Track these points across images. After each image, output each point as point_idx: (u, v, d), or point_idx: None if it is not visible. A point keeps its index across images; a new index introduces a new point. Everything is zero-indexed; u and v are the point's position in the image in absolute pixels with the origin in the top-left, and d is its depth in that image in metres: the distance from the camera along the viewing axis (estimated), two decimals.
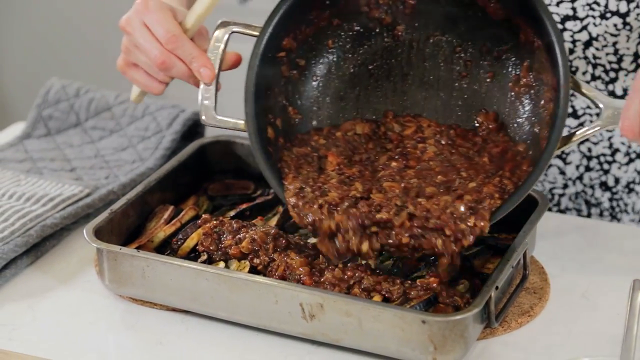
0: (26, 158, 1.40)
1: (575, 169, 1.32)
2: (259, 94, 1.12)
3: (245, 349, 1.07)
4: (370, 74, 1.17)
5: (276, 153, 1.13)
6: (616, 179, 1.31)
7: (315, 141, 1.14)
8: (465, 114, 1.15)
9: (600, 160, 1.31)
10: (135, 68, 1.15)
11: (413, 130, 1.14)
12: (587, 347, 1.07)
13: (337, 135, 1.14)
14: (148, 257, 1.10)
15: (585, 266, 1.20)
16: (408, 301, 1.06)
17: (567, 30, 1.24)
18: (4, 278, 1.17)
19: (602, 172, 1.31)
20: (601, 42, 1.24)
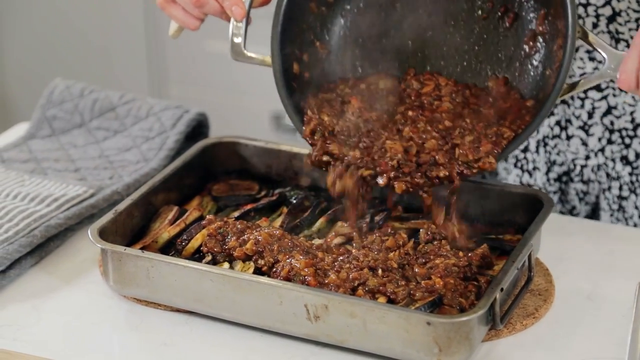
0: (30, 158, 1.40)
1: (598, 141, 1.33)
2: (286, 30, 1.18)
3: (250, 350, 1.07)
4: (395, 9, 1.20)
5: (300, 88, 1.18)
6: (637, 154, 1.32)
7: (341, 89, 1.20)
8: (479, 65, 1.19)
9: (622, 134, 1.32)
10: (173, 4, 1.21)
11: (431, 88, 1.19)
12: (593, 349, 1.07)
13: (362, 87, 1.20)
14: (152, 257, 1.10)
15: (590, 268, 1.20)
16: (413, 302, 1.05)
17: (591, 4, 1.26)
18: (8, 278, 1.17)
19: (623, 146, 1.32)
20: (624, 17, 1.25)
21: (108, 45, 2.74)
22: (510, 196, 1.21)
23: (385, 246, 1.13)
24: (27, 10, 2.78)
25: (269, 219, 1.21)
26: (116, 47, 2.73)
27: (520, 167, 1.39)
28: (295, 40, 1.20)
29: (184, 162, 1.28)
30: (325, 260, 1.09)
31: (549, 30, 1.15)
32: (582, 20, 1.26)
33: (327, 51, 1.21)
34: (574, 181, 1.37)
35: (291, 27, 1.19)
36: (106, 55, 2.74)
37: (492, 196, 1.21)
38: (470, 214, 1.21)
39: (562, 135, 1.35)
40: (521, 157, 1.38)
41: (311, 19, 1.21)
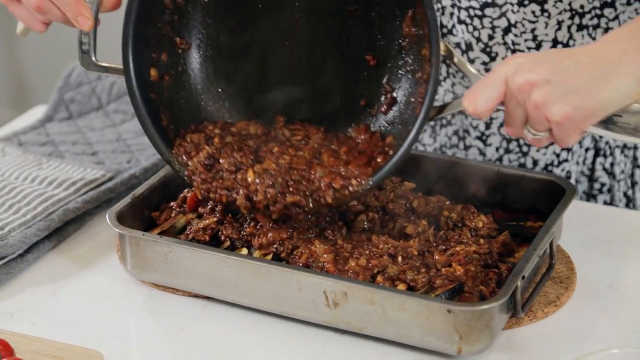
0: (48, 141, 1.40)
1: (495, 150, 1.32)
2: (139, 32, 1.11)
3: (268, 336, 1.07)
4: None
5: (160, 95, 1.13)
6: (535, 161, 1.31)
7: (211, 130, 1.15)
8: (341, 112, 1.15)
9: (520, 142, 1.31)
10: (18, 4, 1.12)
11: (300, 137, 1.15)
12: (615, 337, 1.06)
13: (232, 130, 1.15)
14: (170, 242, 1.09)
15: (612, 255, 1.19)
16: (433, 290, 1.04)
17: (487, 16, 1.24)
18: (26, 262, 1.16)
19: (521, 154, 1.31)
20: (520, 28, 1.24)
21: None
22: (532, 183, 1.19)
23: (405, 233, 1.12)
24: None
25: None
26: None
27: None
28: (150, 41, 1.12)
29: None
30: (344, 247, 1.08)
31: (413, 55, 1.11)
32: (478, 32, 1.24)
33: (188, 45, 1.15)
34: None
35: (144, 29, 1.11)
36: None
37: (513, 183, 1.20)
38: (491, 201, 1.20)
39: (460, 145, 1.33)
40: None
41: (167, 14, 1.13)
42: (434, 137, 1.35)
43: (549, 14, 1.22)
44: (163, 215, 1.18)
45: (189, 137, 1.13)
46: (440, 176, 1.22)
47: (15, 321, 1.09)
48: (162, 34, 1.14)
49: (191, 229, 1.15)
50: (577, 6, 1.22)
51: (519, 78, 0.97)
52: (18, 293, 1.13)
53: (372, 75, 1.14)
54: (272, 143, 1.13)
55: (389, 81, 1.13)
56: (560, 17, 1.22)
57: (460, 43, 1.27)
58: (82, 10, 1.10)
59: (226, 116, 1.18)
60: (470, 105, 0.99)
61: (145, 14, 1.11)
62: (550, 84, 0.96)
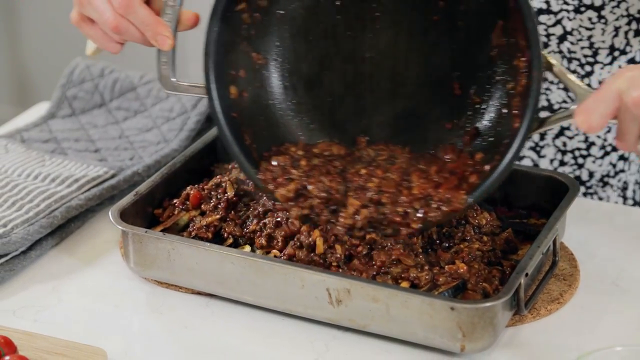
0: (50, 138, 1.40)
1: (550, 163, 1.31)
2: (219, 51, 1.08)
3: (271, 334, 1.06)
4: (337, 9, 1.11)
5: (241, 114, 1.10)
6: (590, 173, 1.30)
7: (294, 152, 1.12)
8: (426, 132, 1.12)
9: (575, 154, 1.29)
10: (90, 24, 1.09)
11: (385, 157, 1.13)
12: (619, 335, 1.06)
13: (314, 151, 1.13)
14: (173, 240, 1.09)
15: (616, 252, 1.18)
16: (436, 287, 1.04)
17: (541, 24, 1.22)
18: (29, 259, 1.16)
19: (576, 167, 1.30)
20: (576, 35, 1.22)
21: None
22: (535, 180, 1.19)
23: None
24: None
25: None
26: None
27: None
28: (229, 57, 1.09)
29: (205, 143, 1.27)
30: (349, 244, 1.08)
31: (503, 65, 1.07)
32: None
33: (265, 60, 1.12)
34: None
35: (224, 46, 1.08)
36: None
37: (516, 180, 1.19)
38: (494, 198, 1.20)
39: None
40: None
41: (244, 29, 1.10)
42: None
43: (605, 21, 1.20)
44: (166, 213, 1.18)
45: (274, 159, 1.09)
46: None
47: (18, 318, 1.09)
48: (240, 50, 1.11)
49: (194, 226, 1.15)
50: (634, 11, 1.20)
51: (634, 92, 0.93)
52: (21, 290, 1.13)
53: (460, 84, 1.10)
54: (358, 164, 1.10)
55: (477, 92, 1.09)
56: (618, 23, 1.20)
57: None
58: (161, 29, 1.06)
59: (305, 133, 1.14)
60: (584, 123, 0.95)
61: (225, 30, 1.08)
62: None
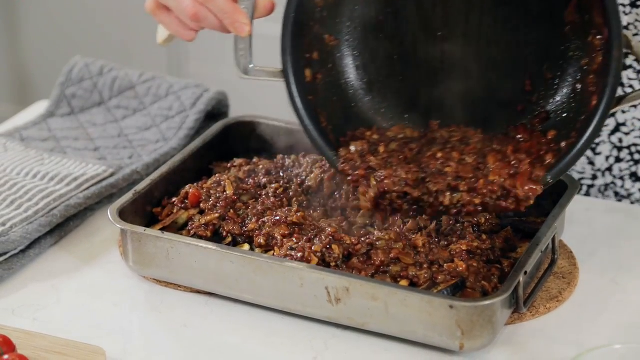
0: (50, 137, 1.40)
1: (605, 160, 1.30)
2: (295, 36, 1.10)
3: (270, 332, 1.06)
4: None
5: (316, 96, 1.12)
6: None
7: (369, 136, 1.14)
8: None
9: (632, 150, 1.28)
10: (166, 11, 1.10)
11: (458, 139, 1.13)
12: (618, 333, 1.06)
13: (388, 134, 1.14)
14: (172, 238, 1.09)
15: (615, 251, 1.18)
16: (435, 286, 1.04)
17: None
18: (28, 258, 1.16)
19: (632, 163, 1.29)
20: (632, 30, 1.20)
21: (127, 21, 2.73)
22: None
23: (407, 228, 1.11)
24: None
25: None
26: (135, 24, 2.72)
27: None
28: (304, 41, 1.11)
29: (204, 142, 1.27)
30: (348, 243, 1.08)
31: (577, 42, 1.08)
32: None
33: (337, 41, 1.15)
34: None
35: (299, 31, 1.10)
36: (125, 32, 2.74)
37: None
38: None
39: None
40: None
41: (317, 12, 1.12)
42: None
43: None
44: (165, 211, 1.18)
45: (352, 144, 1.11)
46: None
47: (17, 317, 1.09)
48: (313, 33, 1.13)
49: (193, 225, 1.15)
50: None
51: None
52: (20, 289, 1.13)
53: (532, 63, 1.11)
54: (434, 146, 1.11)
55: (550, 68, 1.10)
56: None
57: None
58: (239, 16, 1.07)
59: (377, 113, 1.15)
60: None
61: (301, 15, 1.10)
62: None
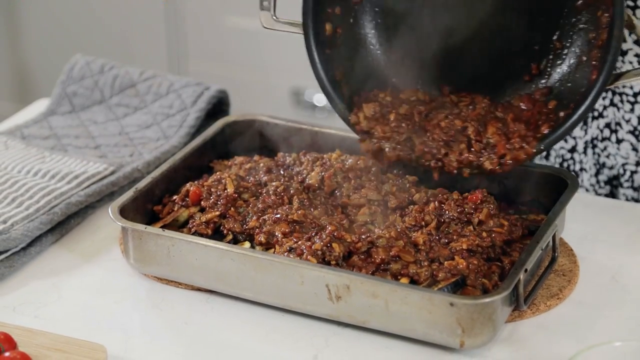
0: (50, 135, 1.40)
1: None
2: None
3: (271, 330, 1.07)
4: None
5: (334, 50, 1.16)
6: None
7: (382, 97, 1.19)
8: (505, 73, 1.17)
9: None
10: None
11: (467, 103, 1.18)
12: (618, 330, 1.06)
13: (401, 97, 1.19)
14: (173, 236, 1.09)
15: (615, 248, 1.18)
16: (436, 283, 1.04)
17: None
18: (28, 256, 1.17)
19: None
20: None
21: (127, 20, 2.73)
22: (535, 175, 1.19)
23: (407, 225, 1.11)
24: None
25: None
26: (135, 22, 2.72)
27: (567, 167, 1.36)
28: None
29: (205, 140, 1.27)
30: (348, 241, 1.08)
31: (588, 14, 1.11)
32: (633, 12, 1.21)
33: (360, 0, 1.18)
34: (624, 187, 1.33)
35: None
36: (125, 30, 2.74)
37: (515, 175, 1.20)
38: (493, 194, 1.20)
39: (612, 138, 1.31)
40: (568, 157, 1.35)
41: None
42: (585, 130, 1.32)
43: None
44: (165, 209, 1.18)
45: (364, 107, 1.15)
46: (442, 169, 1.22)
47: (18, 314, 1.09)
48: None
49: (194, 223, 1.15)
50: None
51: None
52: (21, 286, 1.13)
53: (543, 31, 1.14)
54: (441, 109, 1.16)
55: (560, 38, 1.13)
56: None
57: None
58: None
59: (391, 73, 1.20)
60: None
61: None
62: None
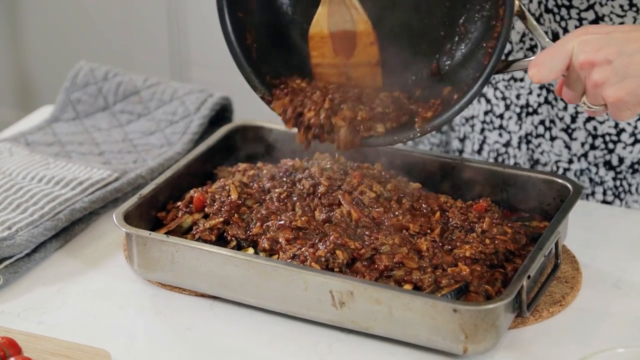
0: (55, 141, 1.40)
1: (581, 146, 1.32)
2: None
3: (274, 335, 1.07)
4: None
5: (247, 14, 1.18)
6: (620, 159, 1.31)
7: (298, 84, 1.20)
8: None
9: (606, 139, 1.31)
10: None
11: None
12: (621, 337, 1.06)
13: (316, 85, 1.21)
14: (177, 242, 1.10)
15: (617, 255, 1.19)
16: (439, 290, 1.05)
17: (574, 7, 1.24)
18: (33, 261, 1.17)
19: (606, 151, 1.31)
20: (607, 22, 1.24)
21: (130, 27, 2.73)
22: (537, 182, 1.19)
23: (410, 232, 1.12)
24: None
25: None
26: (138, 29, 2.73)
27: (502, 161, 1.37)
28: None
29: (208, 147, 1.28)
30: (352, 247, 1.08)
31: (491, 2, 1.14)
32: (565, 22, 1.25)
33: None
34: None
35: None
36: (128, 38, 2.74)
37: (518, 183, 1.20)
38: (496, 201, 1.20)
39: (546, 136, 1.33)
40: (502, 151, 1.38)
41: None
42: (519, 125, 1.35)
43: (637, 9, 1.21)
44: (169, 215, 1.18)
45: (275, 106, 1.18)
46: (445, 176, 1.23)
47: (22, 320, 1.09)
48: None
49: (197, 229, 1.15)
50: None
51: (582, 56, 1.01)
52: (25, 292, 1.14)
53: (451, 14, 1.17)
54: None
55: (465, 22, 1.16)
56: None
57: (547, 32, 1.27)
58: None
59: (298, 40, 1.21)
60: (535, 76, 1.04)
61: None
62: (611, 65, 0.99)
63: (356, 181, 1.17)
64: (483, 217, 1.13)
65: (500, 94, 1.35)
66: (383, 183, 1.17)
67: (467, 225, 1.12)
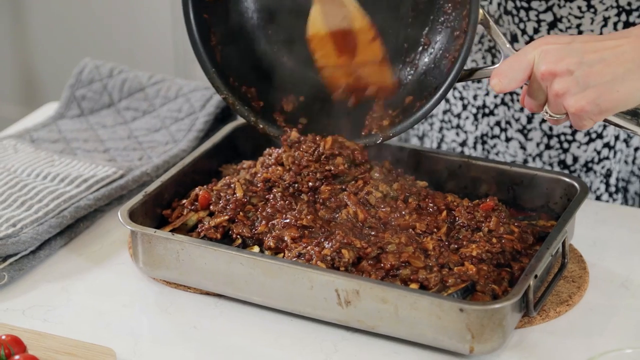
0: (59, 138, 1.40)
1: (536, 146, 1.33)
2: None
3: (280, 334, 1.06)
4: None
5: (212, 16, 1.20)
6: (575, 158, 1.32)
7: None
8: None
9: (561, 139, 1.31)
10: None
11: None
12: (628, 337, 1.05)
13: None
14: (182, 240, 1.09)
15: (625, 255, 1.18)
16: (445, 289, 1.04)
17: (533, 9, 1.24)
18: (38, 259, 1.17)
19: (561, 151, 1.32)
20: (565, 23, 1.24)
21: (134, 24, 2.73)
22: (544, 181, 1.19)
23: (416, 232, 1.11)
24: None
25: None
26: (143, 26, 2.72)
27: None
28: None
29: (214, 144, 1.27)
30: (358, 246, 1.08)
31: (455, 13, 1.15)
32: (524, 24, 1.25)
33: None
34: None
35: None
36: (132, 35, 2.74)
37: (525, 182, 1.20)
38: (503, 200, 1.19)
39: (502, 136, 1.34)
40: (459, 150, 1.38)
41: None
42: (475, 125, 1.35)
43: (595, 10, 1.22)
44: (175, 213, 1.18)
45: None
46: (452, 175, 1.22)
47: (27, 318, 1.09)
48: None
49: (203, 227, 1.15)
50: (624, 3, 1.22)
51: (543, 66, 1.01)
52: (30, 290, 1.13)
53: (415, 25, 1.18)
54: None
55: (429, 33, 1.17)
56: (607, 14, 1.22)
57: (506, 34, 1.27)
58: None
59: (264, 37, 1.23)
60: (497, 85, 1.05)
61: None
62: (572, 76, 1.00)
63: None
64: (490, 216, 1.12)
65: (459, 93, 1.36)
66: (390, 182, 1.16)
67: (473, 224, 1.12)
